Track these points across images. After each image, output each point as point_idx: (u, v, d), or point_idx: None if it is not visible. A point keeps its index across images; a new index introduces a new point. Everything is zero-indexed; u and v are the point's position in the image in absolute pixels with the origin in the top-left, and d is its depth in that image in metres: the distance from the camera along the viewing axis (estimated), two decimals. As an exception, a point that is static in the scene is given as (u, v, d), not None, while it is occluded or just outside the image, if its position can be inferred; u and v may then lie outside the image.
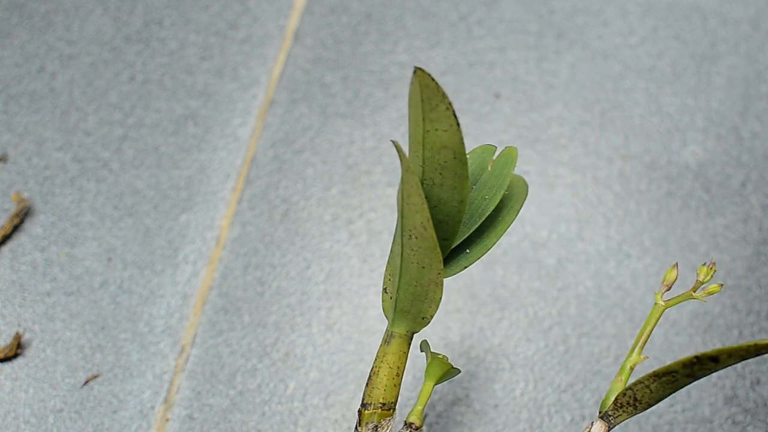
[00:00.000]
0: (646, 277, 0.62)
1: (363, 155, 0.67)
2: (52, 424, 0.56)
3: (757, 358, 0.59)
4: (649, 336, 0.42)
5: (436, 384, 0.42)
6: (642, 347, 0.42)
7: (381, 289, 0.42)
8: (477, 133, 0.68)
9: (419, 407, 0.41)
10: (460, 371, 0.42)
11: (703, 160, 0.67)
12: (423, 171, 0.37)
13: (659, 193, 0.66)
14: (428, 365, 0.41)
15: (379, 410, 0.40)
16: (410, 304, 0.39)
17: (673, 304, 0.43)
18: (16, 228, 0.63)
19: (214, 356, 0.58)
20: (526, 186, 0.44)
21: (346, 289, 0.61)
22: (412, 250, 0.36)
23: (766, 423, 0.57)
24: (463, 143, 0.36)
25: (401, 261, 0.37)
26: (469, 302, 0.61)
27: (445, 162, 0.36)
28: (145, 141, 0.67)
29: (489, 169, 0.43)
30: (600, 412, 0.40)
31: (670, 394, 0.38)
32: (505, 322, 0.60)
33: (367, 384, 0.41)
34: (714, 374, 0.59)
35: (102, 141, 0.67)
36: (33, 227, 0.63)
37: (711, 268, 0.43)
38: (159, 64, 0.70)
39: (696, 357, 0.35)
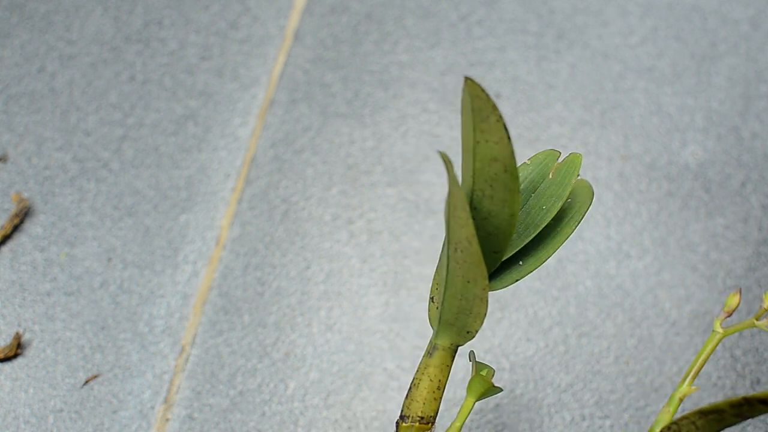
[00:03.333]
0: (646, 277, 0.62)
1: (363, 155, 0.67)
2: (52, 424, 0.56)
3: (757, 358, 0.59)
4: (702, 366, 0.40)
5: (477, 401, 0.40)
6: (694, 378, 0.41)
7: (428, 298, 0.41)
8: (477, 133, 0.68)
9: (458, 424, 0.40)
10: (501, 390, 0.41)
11: (703, 160, 0.67)
12: (473, 182, 0.36)
13: (659, 193, 0.66)
14: (471, 381, 0.41)
15: (417, 423, 0.39)
16: (455, 317, 0.38)
17: (732, 332, 0.41)
18: (16, 228, 0.63)
19: (214, 356, 0.58)
20: (591, 194, 0.42)
21: (346, 289, 0.61)
22: (458, 263, 0.35)
23: (766, 423, 0.57)
24: (513, 156, 0.35)
25: (447, 273, 0.36)
26: (469, 302, 0.61)
27: (496, 174, 0.35)
28: (145, 141, 0.67)
29: (550, 176, 0.41)
30: None
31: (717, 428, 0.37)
32: (505, 322, 0.60)
33: (406, 396, 0.40)
34: (714, 374, 0.59)
35: (102, 141, 0.67)
36: (33, 227, 0.63)
37: None
38: (159, 64, 0.70)
39: (745, 398, 0.34)
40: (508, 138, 0.35)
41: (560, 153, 0.42)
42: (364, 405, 0.57)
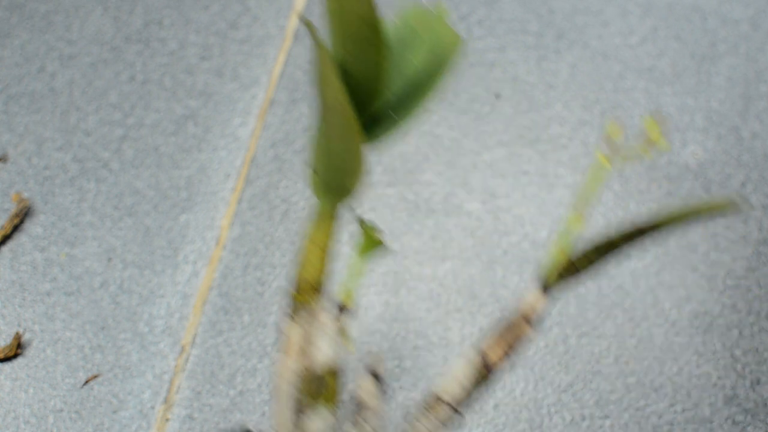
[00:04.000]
0: (646, 277, 0.62)
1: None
2: (52, 424, 0.56)
3: (757, 358, 0.59)
4: (589, 200, 0.40)
5: (366, 259, 0.40)
6: (583, 212, 0.40)
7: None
8: (477, 133, 0.68)
9: (349, 286, 0.39)
10: (390, 248, 0.41)
11: (703, 160, 0.67)
12: (340, 43, 0.36)
13: (659, 193, 0.66)
14: (359, 240, 0.40)
15: (310, 291, 0.40)
16: (333, 179, 0.38)
17: (616, 164, 0.41)
18: (16, 228, 0.63)
19: (214, 356, 0.58)
20: (459, 43, 0.42)
21: (346, 289, 0.61)
22: (331, 125, 0.35)
23: (766, 423, 0.57)
24: (377, 13, 0.35)
25: (323, 138, 0.37)
26: (469, 302, 0.61)
27: (360, 33, 0.36)
28: (145, 141, 0.67)
29: (418, 31, 0.41)
30: (539, 280, 0.39)
31: (610, 260, 0.38)
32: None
33: (296, 265, 0.40)
34: (714, 374, 0.59)
35: (102, 141, 0.67)
36: (33, 227, 0.63)
37: (658, 120, 0.41)
38: (159, 64, 0.70)
39: (638, 229, 0.35)
40: None
41: (428, 8, 0.42)
42: (364, 405, 0.57)
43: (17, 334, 0.58)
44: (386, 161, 0.67)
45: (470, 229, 0.64)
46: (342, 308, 0.38)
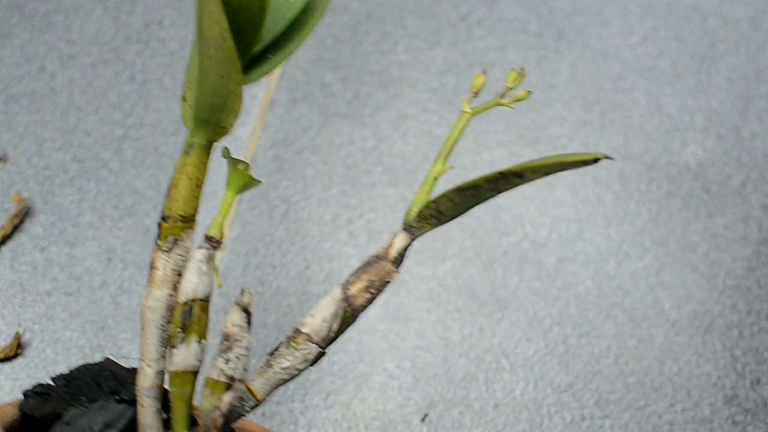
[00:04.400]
0: (646, 277, 0.62)
1: (363, 155, 0.67)
2: (52, 424, 0.56)
3: (757, 358, 0.59)
4: (453, 145, 0.40)
5: (236, 194, 0.40)
6: (446, 157, 0.40)
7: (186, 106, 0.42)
8: (477, 133, 0.68)
9: (219, 219, 0.39)
10: (261, 182, 0.41)
11: (703, 160, 0.67)
12: None
13: (659, 193, 0.66)
14: (229, 176, 0.40)
15: (179, 222, 0.40)
16: (209, 114, 0.38)
17: (480, 111, 0.41)
18: (16, 228, 0.63)
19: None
20: None
21: (346, 289, 0.61)
22: (211, 60, 0.35)
23: (766, 423, 0.57)
24: None
25: (200, 71, 0.36)
26: (469, 302, 0.61)
27: None
28: (145, 141, 0.67)
29: None
30: (404, 224, 0.39)
31: (474, 206, 0.38)
32: (505, 322, 0.60)
33: (166, 196, 0.40)
34: (714, 374, 0.59)
35: (102, 141, 0.67)
36: (33, 227, 0.63)
37: (520, 74, 0.41)
38: (159, 64, 0.70)
39: (501, 173, 0.35)
40: None
41: None
42: (363, 405, 0.57)
43: (17, 334, 0.58)
44: (386, 161, 0.67)
45: (470, 229, 0.64)
46: (211, 240, 0.39)
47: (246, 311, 0.38)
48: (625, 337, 0.60)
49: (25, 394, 0.40)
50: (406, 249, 0.39)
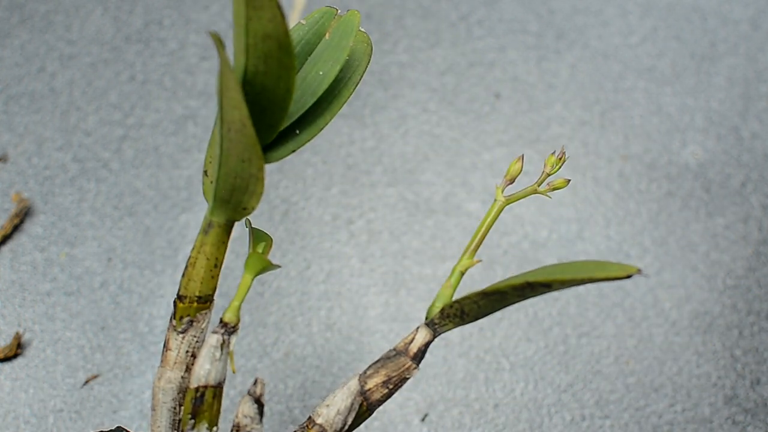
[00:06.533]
0: (646, 277, 0.62)
1: (363, 155, 0.67)
2: (52, 424, 0.56)
3: (757, 358, 0.59)
4: (483, 238, 0.39)
5: (254, 277, 0.38)
6: (475, 251, 0.39)
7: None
8: (477, 133, 0.68)
9: (236, 303, 0.37)
10: (280, 266, 0.40)
11: (703, 160, 0.67)
12: (246, 59, 0.35)
13: (659, 193, 0.66)
14: (248, 258, 0.39)
15: (195, 303, 0.38)
16: (230, 195, 0.37)
17: (515, 200, 0.40)
18: (16, 228, 0.63)
19: (214, 356, 0.58)
20: (370, 50, 0.39)
21: (346, 289, 0.61)
22: (232, 143, 0.34)
23: (766, 423, 0.57)
24: (287, 33, 0.34)
25: (221, 152, 0.35)
26: (469, 302, 0.61)
27: (269, 51, 0.34)
28: (145, 141, 0.67)
29: (327, 37, 0.39)
30: (426, 319, 0.38)
31: (499, 309, 0.37)
32: (505, 322, 0.60)
33: (183, 275, 0.38)
34: (714, 374, 0.59)
35: (102, 141, 0.67)
36: (33, 227, 0.63)
37: (560, 159, 0.39)
38: (159, 64, 0.70)
39: (528, 282, 0.34)
40: (282, 15, 0.33)
41: (337, 10, 0.39)
42: (364, 405, 0.57)
43: (17, 334, 0.58)
44: (386, 161, 0.67)
45: (470, 229, 0.64)
46: (226, 326, 0.37)
47: (258, 402, 0.37)
48: (625, 337, 0.60)
49: None
50: (427, 346, 0.38)
